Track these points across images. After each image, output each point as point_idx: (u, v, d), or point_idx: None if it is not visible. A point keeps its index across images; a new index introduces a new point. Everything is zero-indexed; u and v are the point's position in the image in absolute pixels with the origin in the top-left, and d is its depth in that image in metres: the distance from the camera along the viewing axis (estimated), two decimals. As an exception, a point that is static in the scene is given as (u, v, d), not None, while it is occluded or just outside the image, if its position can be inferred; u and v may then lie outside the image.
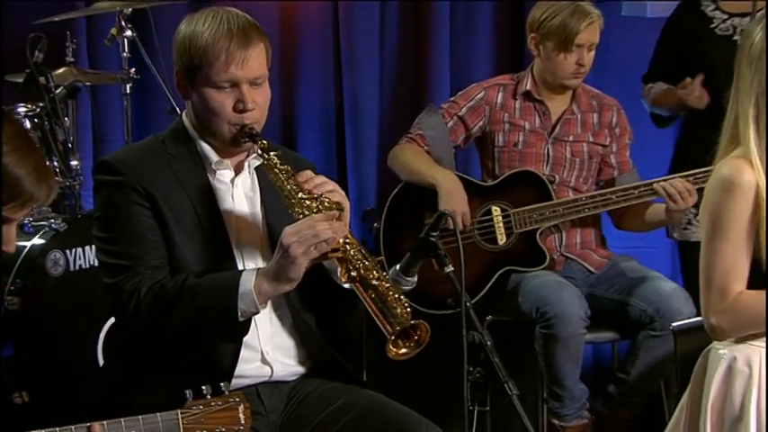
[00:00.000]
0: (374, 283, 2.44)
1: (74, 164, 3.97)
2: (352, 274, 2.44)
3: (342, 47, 4.80)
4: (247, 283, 2.44)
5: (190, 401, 2.18)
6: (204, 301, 2.46)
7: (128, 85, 4.22)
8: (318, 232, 2.39)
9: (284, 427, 2.61)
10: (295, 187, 2.51)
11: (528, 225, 3.84)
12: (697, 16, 4.10)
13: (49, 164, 3.73)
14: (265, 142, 2.58)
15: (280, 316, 2.65)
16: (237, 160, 2.68)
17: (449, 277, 2.51)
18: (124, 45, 4.18)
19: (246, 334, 2.53)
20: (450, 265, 2.52)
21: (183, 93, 2.65)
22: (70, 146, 3.97)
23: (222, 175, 2.65)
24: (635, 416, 3.88)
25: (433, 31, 4.82)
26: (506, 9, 4.87)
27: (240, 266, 2.59)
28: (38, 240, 3.72)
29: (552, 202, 3.84)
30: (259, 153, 2.59)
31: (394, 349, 2.41)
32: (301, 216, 2.46)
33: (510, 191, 3.88)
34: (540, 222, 3.83)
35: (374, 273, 2.45)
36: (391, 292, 2.45)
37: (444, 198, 3.81)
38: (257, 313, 2.49)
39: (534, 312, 3.69)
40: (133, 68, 4.23)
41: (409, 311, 2.44)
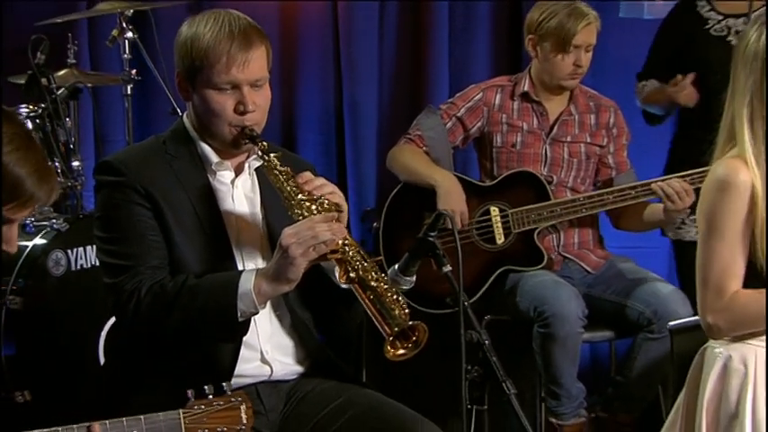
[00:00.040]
0: (373, 285, 2.43)
1: (75, 164, 3.98)
2: (351, 275, 2.44)
3: (341, 48, 4.81)
4: (247, 284, 2.44)
5: (192, 401, 2.18)
6: (204, 301, 2.46)
7: (129, 87, 4.23)
8: (317, 233, 2.39)
9: (284, 425, 2.61)
10: (295, 189, 2.51)
11: (526, 225, 3.84)
12: (693, 17, 4.11)
13: (50, 164, 3.74)
14: (265, 144, 2.58)
15: (279, 316, 2.64)
16: (238, 161, 2.67)
17: (447, 277, 2.52)
18: (125, 46, 4.20)
19: (246, 334, 2.52)
20: (449, 265, 2.52)
21: (184, 94, 2.64)
22: (72, 146, 3.99)
23: (222, 176, 2.65)
24: (633, 419, 3.87)
25: (431, 31, 4.82)
26: (505, 8, 4.87)
27: (240, 267, 2.58)
28: (39, 240, 3.73)
29: (550, 202, 3.84)
30: (259, 155, 2.58)
31: (392, 350, 2.41)
32: (301, 217, 2.46)
33: (508, 191, 3.88)
34: (538, 222, 3.83)
35: (373, 274, 2.45)
36: (390, 293, 2.44)
37: (443, 198, 3.81)
38: (256, 313, 2.48)
39: (532, 312, 3.69)
40: (134, 70, 4.24)
41: (407, 313, 2.43)
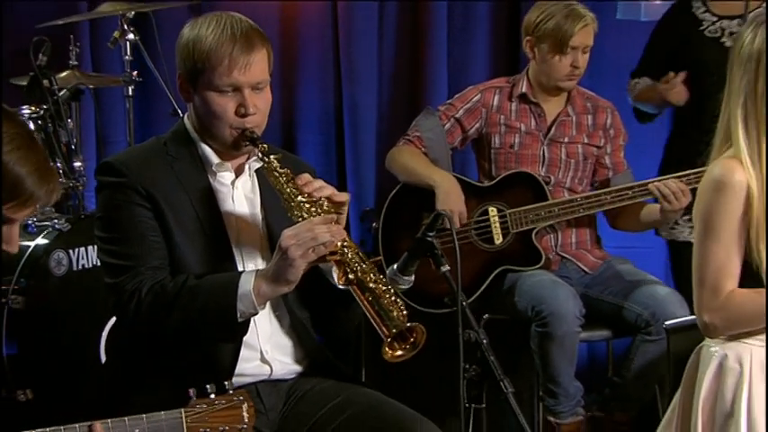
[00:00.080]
0: (371, 286, 2.44)
1: (77, 165, 3.98)
2: (350, 276, 2.44)
3: (341, 48, 4.81)
4: (246, 285, 2.44)
5: (194, 400, 2.17)
6: (204, 301, 2.46)
7: (130, 88, 4.24)
8: (317, 235, 2.40)
9: (283, 424, 2.62)
10: (294, 190, 2.51)
11: (524, 225, 3.84)
12: (688, 18, 4.11)
13: (52, 165, 3.76)
14: (266, 146, 2.58)
15: (278, 316, 2.65)
16: (238, 162, 2.67)
17: (445, 277, 2.51)
18: (127, 48, 4.21)
19: (246, 334, 2.53)
20: (447, 265, 2.52)
21: (186, 96, 2.64)
22: (73, 147, 3.98)
23: (223, 177, 2.65)
24: (630, 419, 3.87)
25: (430, 32, 4.83)
26: (504, 9, 4.88)
27: (240, 267, 2.59)
28: (41, 240, 3.74)
29: (548, 202, 3.84)
30: (259, 156, 2.58)
31: (390, 351, 2.42)
32: (300, 219, 2.47)
33: (506, 191, 3.89)
34: (536, 222, 3.84)
35: (371, 275, 2.45)
36: (388, 294, 2.45)
37: (442, 198, 3.82)
38: (256, 314, 2.49)
39: (530, 311, 3.69)
40: (135, 71, 4.24)
41: (405, 314, 2.44)
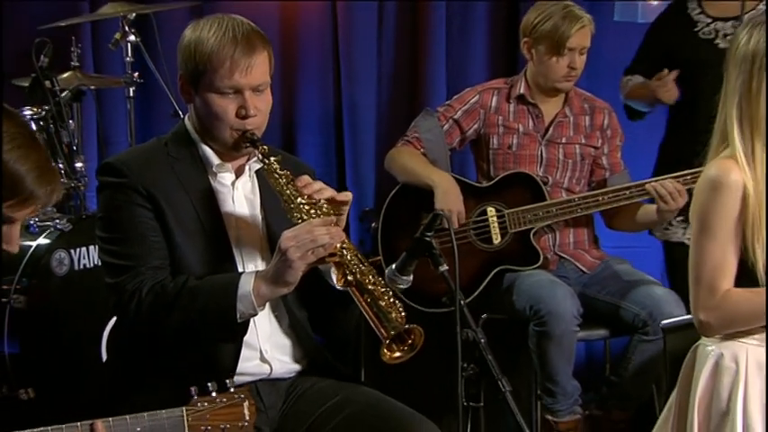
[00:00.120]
0: (370, 288, 2.45)
1: (78, 165, 3.99)
2: (349, 278, 2.45)
3: (340, 50, 4.81)
4: (246, 286, 2.45)
5: (195, 398, 2.18)
6: (204, 302, 2.47)
7: (131, 89, 4.24)
8: (316, 237, 2.41)
9: (283, 423, 2.63)
10: (294, 192, 2.52)
11: (522, 225, 3.85)
12: (683, 19, 4.11)
13: (54, 165, 3.77)
14: (266, 147, 2.59)
15: (277, 316, 2.66)
16: (238, 163, 2.68)
17: (443, 276, 2.51)
18: (128, 49, 4.21)
19: (245, 334, 2.54)
20: (445, 265, 2.52)
21: (187, 97, 2.65)
22: (75, 148, 3.99)
23: (223, 178, 2.66)
24: (628, 417, 3.88)
25: (429, 32, 4.83)
26: (502, 9, 4.88)
27: (240, 268, 2.60)
28: (43, 240, 3.74)
29: (546, 202, 3.85)
30: (260, 158, 2.59)
31: (388, 353, 2.43)
32: (299, 221, 2.48)
33: (504, 192, 3.90)
34: (534, 222, 3.85)
35: (370, 277, 2.46)
36: (386, 296, 2.46)
37: (440, 198, 3.83)
38: (255, 315, 2.50)
39: (528, 310, 3.70)
40: (137, 72, 4.25)
41: (404, 316, 2.45)
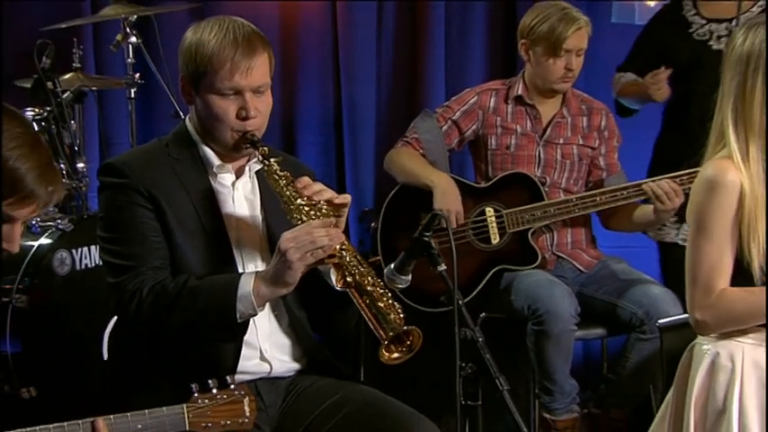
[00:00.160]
0: (369, 289, 2.46)
1: (80, 166, 4.02)
2: (348, 279, 2.46)
3: (340, 49, 4.82)
4: (246, 286, 2.46)
5: (196, 395, 2.20)
6: (204, 302, 2.48)
7: (132, 90, 4.26)
8: (315, 239, 2.42)
9: (282, 421, 2.64)
10: (294, 193, 2.53)
11: (520, 225, 3.86)
12: (678, 19, 4.12)
13: (56, 166, 3.78)
14: (266, 148, 2.60)
15: (277, 316, 2.67)
16: (238, 164, 2.69)
17: (441, 276, 2.50)
18: (129, 51, 4.23)
19: (245, 334, 2.55)
20: (443, 264, 2.51)
21: (188, 98, 2.67)
22: (77, 149, 4.01)
23: (223, 179, 2.67)
24: (626, 416, 3.90)
25: (428, 32, 4.84)
26: (500, 9, 4.90)
27: (240, 268, 2.61)
28: (45, 240, 3.76)
29: (544, 202, 3.86)
30: (260, 159, 2.60)
31: (387, 354, 2.44)
32: (299, 222, 2.48)
33: (503, 192, 3.91)
34: (532, 222, 3.86)
35: (369, 279, 2.48)
36: (385, 298, 2.47)
37: (439, 198, 3.84)
38: (255, 315, 2.50)
39: (526, 310, 3.72)
40: (138, 74, 4.26)
41: (402, 317, 2.45)
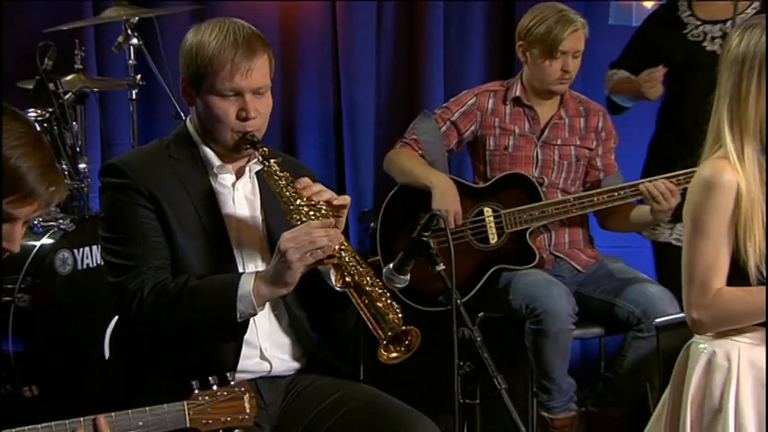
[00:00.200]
0: (368, 289, 2.47)
1: (82, 167, 4.03)
2: (347, 279, 2.47)
3: (340, 49, 4.84)
4: (246, 286, 2.47)
5: (196, 392, 2.22)
6: (205, 302, 2.49)
7: (134, 91, 4.28)
8: (315, 239, 2.43)
9: (282, 419, 2.65)
10: (294, 194, 2.54)
11: (518, 225, 3.88)
12: (673, 20, 4.13)
13: (59, 167, 3.80)
14: (266, 149, 2.61)
15: (277, 315, 2.68)
16: (239, 165, 2.71)
17: (440, 275, 2.53)
18: (130, 52, 4.24)
19: (245, 333, 2.56)
20: (442, 264, 2.53)
21: (188, 99, 2.68)
22: (78, 149, 4.03)
23: (224, 179, 2.69)
24: (623, 414, 3.91)
25: (427, 31, 4.86)
26: (498, 9, 4.91)
27: (240, 268, 2.62)
28: (47, 240, 3.78)
29: (541, 203, 3.88)
30: (260, 160, 2.61)
31: (385, 353, 2.45)
32: (299, 222, 2.49)
33: (501, 192, 3.92)
34: (530, 222, 3.87)
35: (368, 279, 2.49)
36: (384, 298, 2.48)
37: (438, 198, 3.85)
38: (255, 314, 2.52)
39: (524, 309, 3.73)
40: (139, 75, 4.28)
41: (401, 317, 2.46)
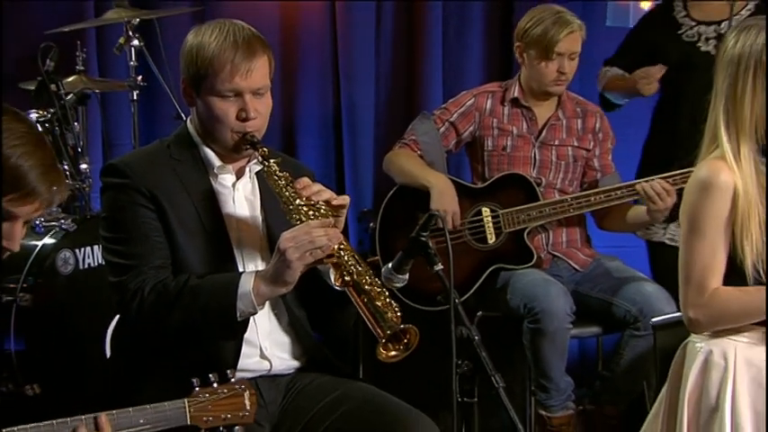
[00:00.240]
0: (367, 288, 2.48)
1: (83, 167, 4.04)
2: (346, 278, 2.49)
3: (339, 49, 4.85)
4: (246, 285, 2.49)
5: (197, 390, 2.23)
6: (205, 301, 2.51)
7: (135, 92, 4.29)
8: (314, 239, 2.44)
9: (282, 418, 2.67)
10: (293, 194, 2.56)
11: (516, 225, 3.90)
12: (668, 20, 4.15)
13: (60, 167, 3.81)
14: (266, 150, 2.63)
15: (277, 314, 2.70)
16: (239, 165, 2.73)
17: (438, 275, 2.54)
18: (132, 54, 4.25)
19: (245, 332, 2.58)
20: (440, 264, 2.54)
21: (189, 100, 2.70)
22: (80, 150, 4.04)
23: (224, 180, 2.70)
24: (620, 412, 3.93)
25: (426, 31, 4.88)
26: (497, 9, 4.93)
27: (240, 268, 2.63)
28: (49, 240, 3.79)
29: (539, 203, 3.89)
30: (260, 160, 2.63)
31: (384, 352, 2.46)
32: (298, 222, 2.51)
33: (499, 192, 3.94)
34: (528, 222, 3.89)
35: (367, 278, 2.50)
36: (383, 296, 2.49)
37: (436, 199, 3.87)
38: (255, 313, 2.53)
39: (522, 308, 3.75)
40: (140, 76, 4.29)
41: (399, 316, 2.48)
